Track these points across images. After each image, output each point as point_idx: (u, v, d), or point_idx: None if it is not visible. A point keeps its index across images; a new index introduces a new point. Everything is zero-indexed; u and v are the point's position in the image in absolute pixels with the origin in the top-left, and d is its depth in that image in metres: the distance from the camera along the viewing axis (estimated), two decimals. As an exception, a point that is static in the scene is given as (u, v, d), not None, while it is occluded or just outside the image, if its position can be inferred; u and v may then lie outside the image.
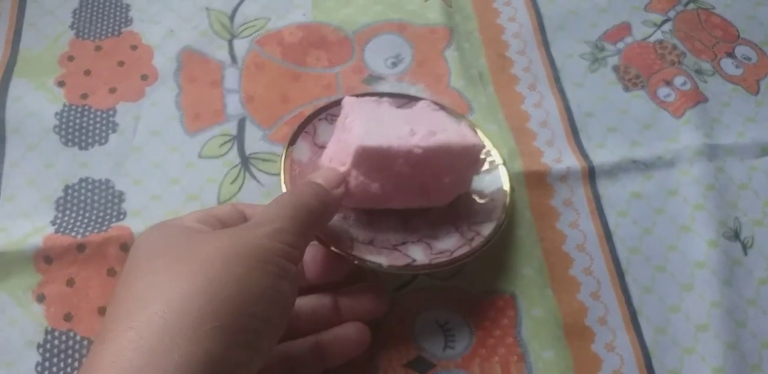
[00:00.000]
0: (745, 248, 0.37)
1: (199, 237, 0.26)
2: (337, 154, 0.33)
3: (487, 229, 0.34)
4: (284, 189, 0.35)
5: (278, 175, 0.39)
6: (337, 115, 0.37)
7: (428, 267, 0.33)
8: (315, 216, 0.29)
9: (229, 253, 0.25)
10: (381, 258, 0.33)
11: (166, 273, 0.24)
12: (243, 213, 0.32)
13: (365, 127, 0.31)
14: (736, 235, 0.37)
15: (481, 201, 0.36)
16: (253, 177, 0.39)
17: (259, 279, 0.25)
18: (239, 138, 0.40)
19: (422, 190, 0.33)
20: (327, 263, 0.33)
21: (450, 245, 0.34)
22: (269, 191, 0.38)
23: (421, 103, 0.37)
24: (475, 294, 0.35)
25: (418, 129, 0.32)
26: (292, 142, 0.36)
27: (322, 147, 0.37)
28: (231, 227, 0.28)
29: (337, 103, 0.37)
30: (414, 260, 0.33)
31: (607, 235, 0.37)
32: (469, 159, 0.33)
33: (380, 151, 0.31)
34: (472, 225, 0.35)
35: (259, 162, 0.40)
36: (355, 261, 0.32)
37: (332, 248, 0.32)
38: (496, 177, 0.37)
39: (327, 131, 0.37)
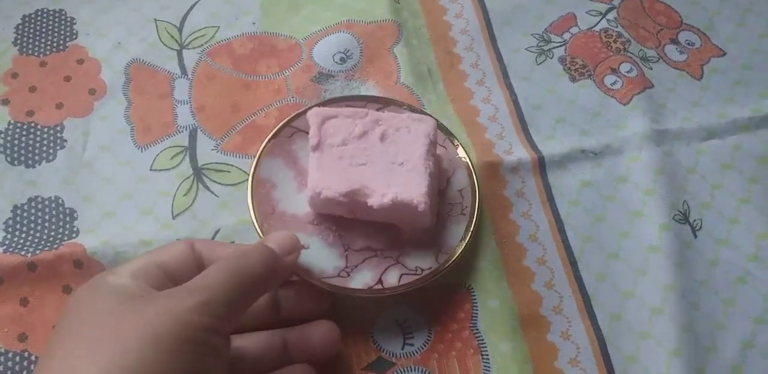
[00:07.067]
0: (694, 231, 0.38)
1: (124, 308, 0.25)
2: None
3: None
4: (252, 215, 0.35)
5: (232, 185, 0.39)
6: (298, 129, 0.37)
7: (425, 278, 0.34)
8: (257, 285, 0.28)
9: (148, 336, 0.23)
10: (366, 276, 0.33)
11: (83, 359, 0.23)
12: (198, 257, 0.30)
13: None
14: (685, 218, 0.38)
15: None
16: (207, 188, 0.39)
17: (181, 362, 0.23)
18: (191, 149, 0.40)
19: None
20: (302, 297, 0.33)
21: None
22: (224, 201, 0.38)
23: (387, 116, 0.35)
24: (431, 288, 0.35)
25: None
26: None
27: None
28: (171, 286, 0.27)
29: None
30: (417, 268, 0.34)
31: (559, 225, 0.38)
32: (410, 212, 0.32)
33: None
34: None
35: (211, 172, 0.39)
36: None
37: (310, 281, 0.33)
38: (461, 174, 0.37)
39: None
